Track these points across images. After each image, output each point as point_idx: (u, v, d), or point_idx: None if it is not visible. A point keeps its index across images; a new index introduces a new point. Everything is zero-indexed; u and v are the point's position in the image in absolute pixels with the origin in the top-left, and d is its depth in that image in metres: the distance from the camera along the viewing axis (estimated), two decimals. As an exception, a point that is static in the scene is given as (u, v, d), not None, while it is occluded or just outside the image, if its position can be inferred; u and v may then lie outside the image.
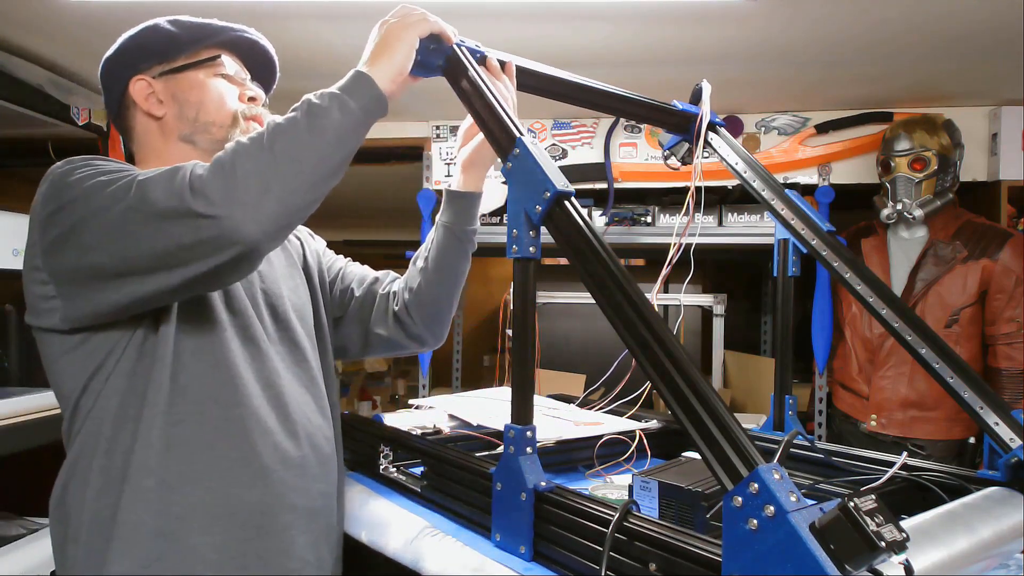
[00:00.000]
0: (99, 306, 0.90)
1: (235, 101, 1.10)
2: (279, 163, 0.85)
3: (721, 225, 2.62)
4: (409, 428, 1.34)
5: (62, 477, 0.96)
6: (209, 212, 0.81)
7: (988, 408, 1.01)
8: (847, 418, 2.36)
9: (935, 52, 2.00)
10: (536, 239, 0.91)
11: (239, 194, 0.82)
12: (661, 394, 0.73)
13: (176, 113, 1.07)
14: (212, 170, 0.84)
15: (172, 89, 1.07)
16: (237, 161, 0.84)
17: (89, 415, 0.94)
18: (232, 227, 0.81)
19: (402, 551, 1.02)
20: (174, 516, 0.92)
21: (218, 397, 0.96)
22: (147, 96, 1.07)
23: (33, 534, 1.81)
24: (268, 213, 0.83)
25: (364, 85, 0.94)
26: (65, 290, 0.91)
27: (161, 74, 1.08)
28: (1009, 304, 2.12)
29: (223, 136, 1.07)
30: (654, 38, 1.95)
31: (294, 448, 1.01)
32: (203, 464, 0.94)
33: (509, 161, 0.92)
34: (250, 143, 0.87)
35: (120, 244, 0.85)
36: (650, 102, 1.28)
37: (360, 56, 1.00)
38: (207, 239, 0.82)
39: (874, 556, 0.57)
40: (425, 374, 2.82)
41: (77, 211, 0.88)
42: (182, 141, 1.08)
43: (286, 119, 0.90)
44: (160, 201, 0.83)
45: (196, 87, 1.08)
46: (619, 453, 1.29)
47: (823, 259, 1.20)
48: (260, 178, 0.83)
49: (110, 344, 0.94)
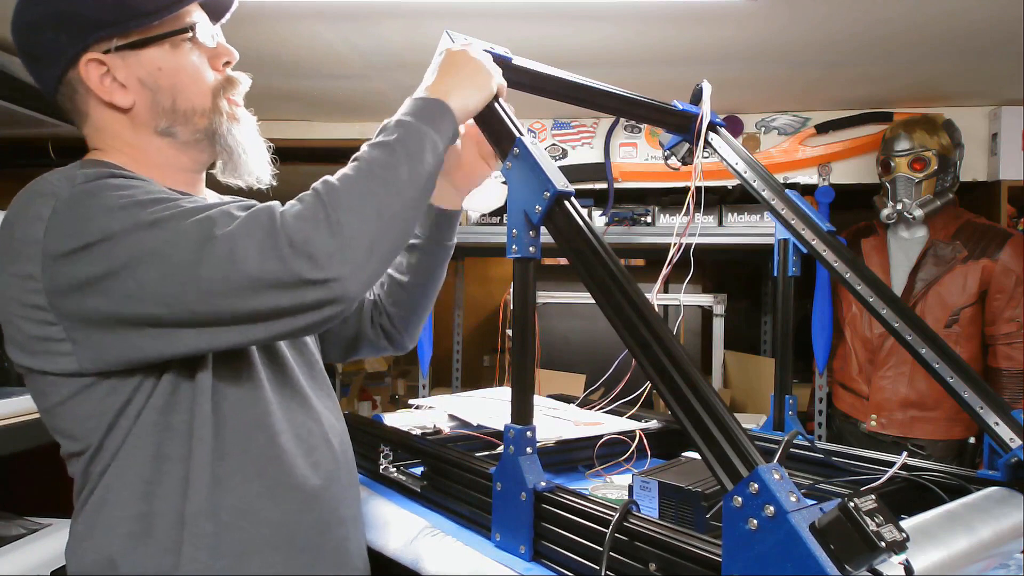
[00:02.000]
0: (139, 355, 0.79)
1: (210, 75, 0.93)
2: (384, 220, 0.79)
3: (721, 225, 2.62)
4: (409, 428, 1.34)
5: (83, 524, 0.84)
6: (318, 277, 0.74)
7: (988, 408, 1.01)
8: (847, 418, 2.36)
9: (935, 52, 2.00)
10: (536, 239, 0.91)
11: (348, 254, 0.75)
12: (661, 394, 0.74)
13: (148, 103, 0.89)
14: (314, 223, 0.75)
15: (136, 70, 0.87)
16: (342, 217, 0.76)
17: (117, 455, 0.83)
18: (341, 290, 0.75)
19: (402, 551, 1.02)
20: (235, 555, 0.84)
21: (258, 423, 0.88)
22: (104, 80, 0.87)
23: (33, 534, 1.81)
24: (371, 272, 0.78)
25: (448, 123, 0.90)
26: (86, 336, 0.79)
27: (119, 48, 0.86)
28: (1009, 304, 2.12)
29: (205, 125, 0.92)
30: (654, 38, 1.95)
31: (331, 460, 0.96)
32: (254, 496, 0.86)
33: (509, 161, 0.92)
34: (350, 191, 0.78)
35: (189, 299, 0.74)
36: (650, 102, 1.28)
37: (357, 54, 0.99)
38: (311, 302, 0.75)
39: (874, 556, 0.57)
40: (425, 374, 2.82)
41: (117, 254, 0.75)
42: (158, 135, 0.91)
43: (383, 163, 0.82)
44: (256, 263, 0.73)
45: (168, 67, 0.89)
46: (619, 453, 1.29)
47: (823, 259, 1.20)
48: (368, 237, 0.77)
49: (137, 379, 0.82)
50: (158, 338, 0.77)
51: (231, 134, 0.93)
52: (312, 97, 2.60)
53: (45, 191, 0.79)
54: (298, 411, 0.94)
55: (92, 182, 0.79)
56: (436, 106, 0.89)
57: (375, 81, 2.36)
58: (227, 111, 0.93)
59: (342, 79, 2.35)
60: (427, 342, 2.77)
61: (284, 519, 0.88)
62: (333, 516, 0.94)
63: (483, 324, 4.81)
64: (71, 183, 0.79)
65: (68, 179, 0.80)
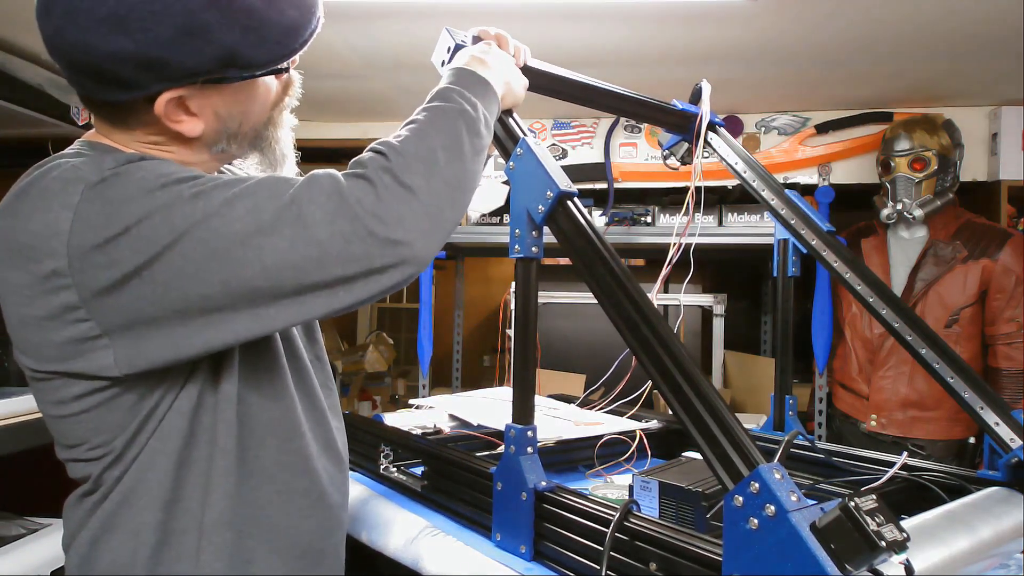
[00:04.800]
0: (183, 351, 0.73)
1: (275, 88, 0.86)
2: (451, 192, 0.77)
3: (721, 225, 2.62)
4: (409, 428, 1.34)
5: (92, 530, 0.80)
6: (392, 239, 0.70)
7: (988, 408, 1.01)
8: (847, 418, 2.36)
9: (935, 52, 2.00)
10: (538, 239, 0.92)
11: (419, 220, 0.73)
12: (662, 393, 0.74)
13: (215, 130, 0.81)
14: (383, 188, 0.72)
15: (215, 102, 0.79)
16: (418, 183, 0.73)
17: (137, 462, 0.79)
18: (411, 254, 0.72)
19: (402, 551, 1.02)
20: (243, 560, 0.82)
21: (277, 428, 0.85)
22: (176, 110, 0.77)
23: (33, 534, 1.81)
24: (439, 239, 0.76)
25: (495, 109, 0.89)
26: (125, 331, 0.71)
27: (206, 82, 0.76)
28: (1009, 304, 2.12)
29: (255, 141, 0.87)
30: (655, 38, 1.95)
31: (334, 465, 0.94)
32: (265, 501, 0.84)
33: (512, 161, 0.92)
34: (417, 157, 0.75)
35: (246, 273, 0.68)
36: (650, 101, 1.28)
37: (357, 54, 0.98)
38: (379, 267, 0.71)
39: (874, 556, 0.57)
40: (425, 374, 2.82)
41: (159, 234, 0.68)
42: (211, 155, 0.85)
43: (450, 132, 0.80)
44: (324, 229, 0.69)
45: (248, 96, 0.81)
46: (619, 453, 1.29)
47: (823, 259, 1.20)
48: (436, 204, 0.75)
49: (165, 386, 0.77)
50: (207, 326, 0.71)
51: (278, 147, 0.89)
52: (311, 97, 2.59)
53: (68, 177, 0.71)
54: (312, 412, 0.92)
55: (124, 165, 0.72)
56: (484, 84, 0.88)
57: (375, 81, 2.36)
58: (279, 122, 0.88)
59: (342, 79, 2.35)
60: (427, 342, 2.77)
61: (289, 523, 0.87)
62: (335, 522, 0.93)
63: (483, 324, 4.81)
64: (98, 168, 0.72)
65: (94, 163, 0.72)
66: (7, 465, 1.87)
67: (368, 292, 0.72)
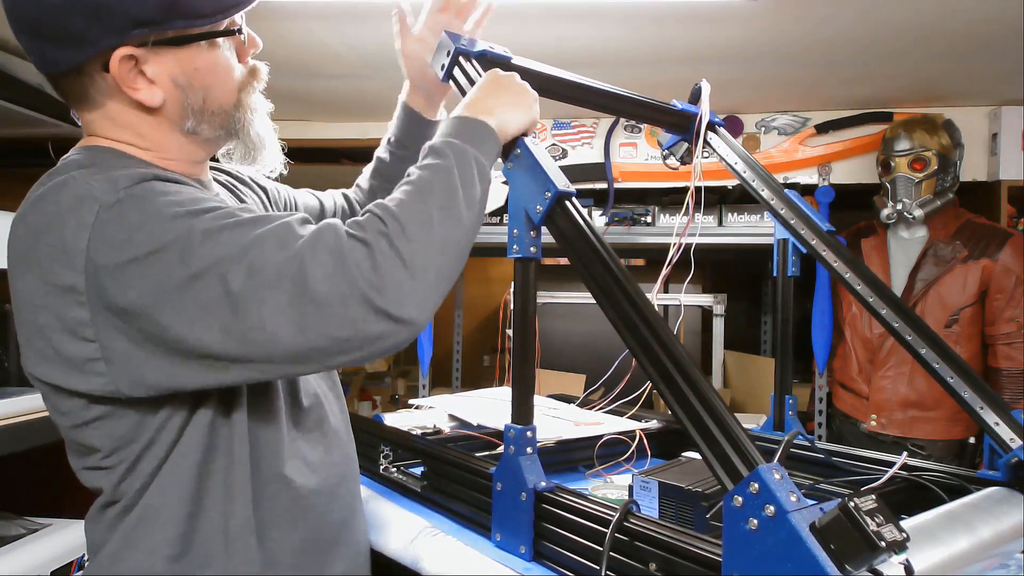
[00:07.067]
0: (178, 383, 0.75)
1: (238, 70, 0.88)
2: (448, 251, 0.77)
3: (721, 225, 2.62)
4: (409, 428, 1.34)
5: (119, 542, 0.81)
6: (396, 312, 0.71)
7: (988, 408, 1.01)
8: (847, 418, 2.37)
9: (935, 52, 2.00)
10: (537, 239, 0.92)
11: (416, 287, 0.73)
12: (662, 394, 0.74)
13: (177, 102, 0.83)
14: (383, 258, 0.72)
15: (170, 68, 0.81)
16: (413, 251, 0.73)
17: (159, 474, 0.80)
18: (417, 320, 0.74)
19: (402, 551, 1.02)
20: (268, 562, 0.84)
21: (290, 426, 0.88)
22: (131, 74, 0.79)
23: (33, 534, 1.81)
24: (435, 303, 0.76)
25: (492, 144, 0.88)
26: (126, 357, 0.73)
27: (156, 43, 0.79)
28: (1009, 304, 2.12)
29: (228, 123, 0.88)
30: (655, 38, 1.95)
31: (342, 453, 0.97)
32: (285, 502, 0.86)
33: (510, 161, 0.92)
34: (414, 223, 0.75)
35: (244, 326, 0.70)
36: (650, 102, 1.28)
37: (356, 54, 0.98)
38: (375, 334, 0.72)
39: (874, 556, 0.57)
40: (425, 374, 2.82)
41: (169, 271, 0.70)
42: (182, 134, 0.86)
43: (443, 191, 0.79)
44: (324, 291, 0.70)
45: (204, 66, 0.83)
46: (619, 453, 1.29)
47: (823, 259, 1.20)
48: (434, 271, 0.75)
49: (177, 397, 0.79)
50: (206, 370, 0.73)
51: (252, 129, 0.90)
52: (311, 97, 2.60)
53: (83, 194, 0.72)
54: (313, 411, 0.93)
55: (138, 185, 0.74)
56: (480, 127, 0.87)
57: (374, 81, 2.36)
58: (249, 105, 0.89)
59: (341, 79, 2.35)
60: (427, 342, 2.77)
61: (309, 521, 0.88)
62: (352, 512, 0.96)
63: (483, 324, 4.81)
64: (113, 186, 0.73)
65: (109, 182, 0.73)
66: (7, 465, 1.87)
67: (362, 355, 0.73)
